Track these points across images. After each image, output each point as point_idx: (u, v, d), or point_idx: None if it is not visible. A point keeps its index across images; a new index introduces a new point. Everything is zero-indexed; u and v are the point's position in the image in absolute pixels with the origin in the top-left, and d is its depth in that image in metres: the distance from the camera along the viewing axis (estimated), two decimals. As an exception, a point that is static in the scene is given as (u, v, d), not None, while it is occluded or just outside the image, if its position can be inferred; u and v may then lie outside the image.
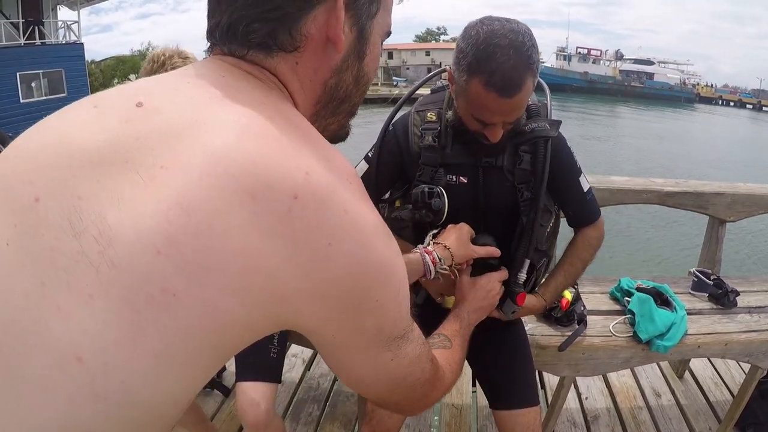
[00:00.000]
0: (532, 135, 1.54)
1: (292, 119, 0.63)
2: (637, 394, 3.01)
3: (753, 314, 2.34)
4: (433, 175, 1.62)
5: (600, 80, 70.46)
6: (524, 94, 1.35)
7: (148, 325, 0.51)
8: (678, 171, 17.77)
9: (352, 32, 0.69)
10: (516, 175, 1.61)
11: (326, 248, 0.55)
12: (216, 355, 0.58)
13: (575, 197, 1.71)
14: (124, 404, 0.53)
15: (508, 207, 1.64)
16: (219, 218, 0.51)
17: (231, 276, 0.52)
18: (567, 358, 2.10)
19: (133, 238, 0.50)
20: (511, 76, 1.31)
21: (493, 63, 1.30)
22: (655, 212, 9.78)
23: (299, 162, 0.56)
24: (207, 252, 0.51)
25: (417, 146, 1.64)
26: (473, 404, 2.92)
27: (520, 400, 1.76)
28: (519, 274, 1.62)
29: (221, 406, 2.87)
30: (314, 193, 0.55)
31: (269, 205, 0.53)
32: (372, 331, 0.66)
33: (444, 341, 1.12)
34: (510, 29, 1.32)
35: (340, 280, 0.58)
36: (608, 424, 2.78)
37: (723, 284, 2.45)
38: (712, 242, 2.95)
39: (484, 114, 1.42)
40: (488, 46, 1.31)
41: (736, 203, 2.84)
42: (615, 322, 2.20)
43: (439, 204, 1.53)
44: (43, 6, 19.59)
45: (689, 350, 2.16)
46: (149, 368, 0.52)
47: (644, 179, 2.99)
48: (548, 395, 2.91)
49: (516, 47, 1.30)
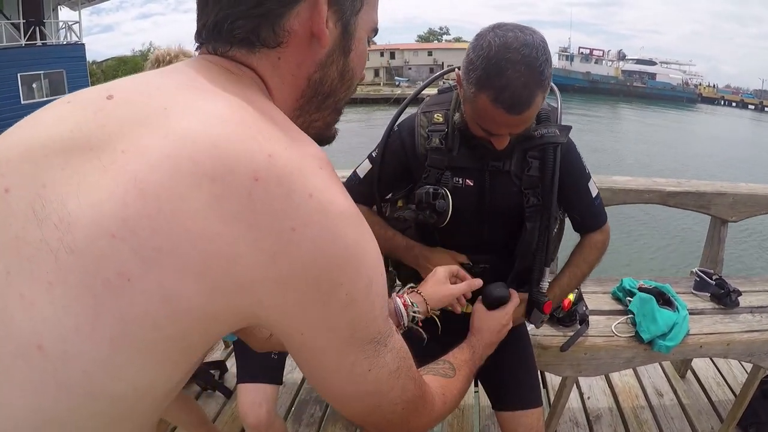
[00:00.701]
0: (542, 141, 1.52)
1: (265, 109, 0.62)
2: (639, 394, 3.00)
3: (755, 314, 2.33)
4: (440, 177, 1.61)
5: (602, 80, 70.42)
6: (533, 110, 1.33)
7: (105, 310, 0.50)
8: (680, 170, 17.76)
9: (337, 28, 0.70)
10: (523, 181, 1.59)
11: (290, 233, 0.54)
12: (182, 348, 0.57)
13: (584, 203, 1.71)
14: (87, 395, 0.53)
15: (512, 212, 1.62)
16: (176, 201, 0.51)
17: (189, 260, 0.51)
18: (569, 359, 2.10)
19: (89, 223, 0.50)
20: (521, 95, 1.28)
21: (504, 79, 1.27)
22: (657, 212, 9.76)
23: (263, 145, 0.55)
24: (163, 235, 0.50)
25: (423, 148, 1.62)
26: (476, 404, 2.91)
27: (522, 401, 1.76)
28: (542, 283, 1.63)
29: (223, 408, 2.87)
30: (277, 176, 0.54)
31: (228, 187, 0.52)
32: (343, 329, 0.62)
33: (447, 369, 1.04)
34: (524, 42, 1.27)
35: (306, 269, 0.55)
36: (611, 423, 2.78)
37: (725, 284, 2.44)
38: (714, 242, 2.95)
39: (490, 126, 1.40)
40: (500, 60, 1.27)
41: (738, 203, 2.83)
42: (617, 322, 2.19)
43: (444, 206, 1.52)
44: (43, 6, 19.60)
45: (691, 350, 2.16)
46: (108, 357, 0.52)
47: (646, 179, 2.98)
48: (550, 395, 2.91)
49: (528, 63, 1.26)
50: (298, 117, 0.74)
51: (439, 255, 1.69)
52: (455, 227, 1.58)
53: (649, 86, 69.50)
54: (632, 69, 72.83)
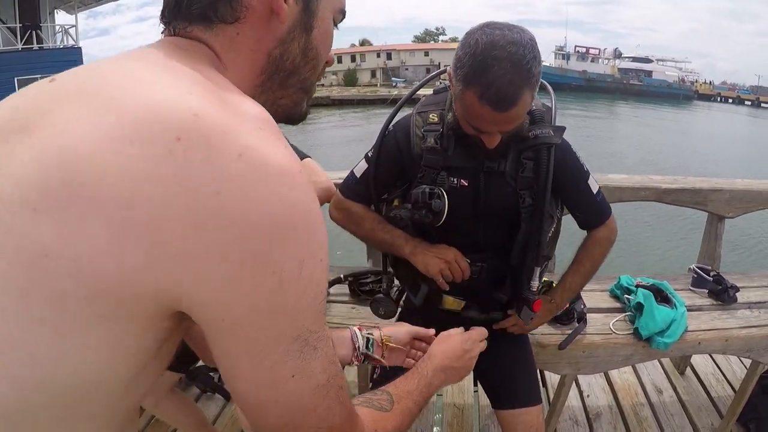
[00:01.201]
0: (536, 142, 1.52)
1: (210, 77, 0.61)
2: (638, 391, 3.01)
3: (753, 310, 2.34)
4: (435, 177, 1.61)
5: (599, 78, 70.40)
6: (520, 108, 1.32)
7: (32, 289, 0.49)
8: (675, 165, 17.78)
9: (297, 4, 0.69)
10: (518, 182, 1.59)
11: (214, 198, 0.50)
12: (125, 331, 0.54)
13: (585, 201, 1.71)
14: (36, 384, 0.52)
15: (508, 212, 1.62)
16: (98, 168, 0.48)
17: (110, 230, 0.49)
18: (567, 357, 2.10)
19: (13, 197, 0.49)
20: (506, 91, 1.27)
21: (489, 76, 1.27)
22: (654, 209, 9.78)
23: (191, 104, 0.52)
24: (84, 205, 0.48)
25: (419, 148, 1.62)
26: (475, 404, 2.91)
27: (521, 399, 1.77)
28: (532, 282, 1.64)
29: (223, 410, 2.87)
30: (202, 135, 0.50)
31: (148, 148, 0.49)
32: (265, 315, 0.56)
33: (384, 401, 0.89)
34: (511, 40, 1.27)
35: (227, 240, 0.51)
36: (610, 421, 2.78)
37: (723, 280, 2.45)
38: (711, 238, 2.95)
39: (479, 123, 1.40)
40: (486, 57, 1.27)
41: (735, 199, 2.84)
42: (615, 320, 2.20)
43: (440, 205, 1.53)
44: (40, 10, 19.57)
45: (690, 347, 2.16)
46: (45, 340, 0.51)
47: (642, 176, 2.98)
48: (550, 393, 2.91)
49: (515, 61, 1.26)
50: (260, 94, 0.72)
51: (438, 246, 1.69)
52: (451, 227, 1.59)
53: (645, 84, 69.45)
54: (629, 67, 72.74)
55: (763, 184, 2.94)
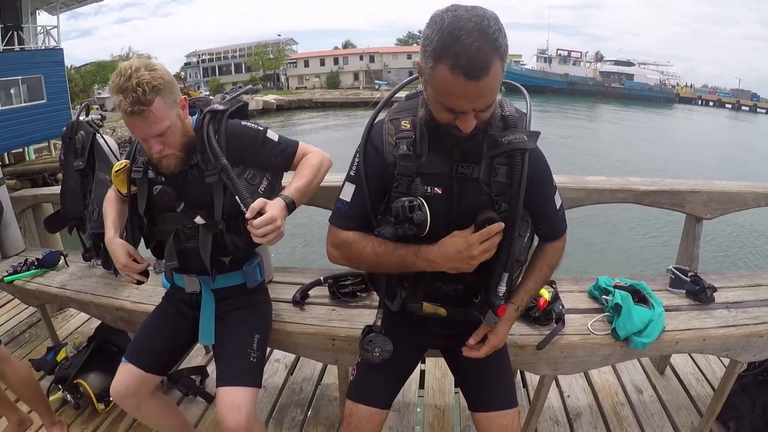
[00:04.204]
0: (509, 147, 1.49)
1: None
2: (618, 391, 3.04)
3: (730, 309, 2.36)
4: (410, 184, 1.58)
5: (580, 82, 70.82)
6: (492, 78, 1.30)
7: None
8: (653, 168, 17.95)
9: None
10: (492, 188, 1.57)
11: None
12: None
13: (548, 213, 1.73)
14: None
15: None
16: None
17: None
18: (546, 357, 2.12)
19: None
20: (477, 58, 1.26)
21: (459, 46, 1.26)
22: (633, 211, 9.87)
23: None
24: None
25: (392, 156, 1.60)
26: (456, 405, 2.93)
27: (497, 402, 1.77)
28: (499, 287, 1.60)
29: (204, 414, 2.86)
30: None
31: None
32: None
33: None
34: (475, 14, 1.28)
35: None
36: (591, 421, 2.80)
37: (700, 280, 2.47)
38: (689, 239, 2.99)
39: (453, 101, 1.37)
40: (453, 29, 1.27)
41: (712, 201, 2.87)
42: (593, 320, 2.21)
43: (421, 217, 1.50)
44: (22, 11, 19.33)
45: (667, 346, 2.18)
46: None
47: (620, 179, 3.02)
48: (530, 394, 2.93)
49: (481, 29, 1.26)
50: None
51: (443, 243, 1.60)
52: (428, 236, 1.55)
53: (626, 87, 69.88)
54: (610, 70, 73.20)
55: (741, 185, 2.98)
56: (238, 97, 2.08)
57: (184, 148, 1.89)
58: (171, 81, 1.78)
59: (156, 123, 1.75)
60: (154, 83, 1.69)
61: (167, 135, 1.80)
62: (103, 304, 2.65)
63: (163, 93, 1.73)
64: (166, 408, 2.25)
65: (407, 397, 2.94)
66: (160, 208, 1.97)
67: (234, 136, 1.92)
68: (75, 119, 2.84)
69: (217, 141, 1.88)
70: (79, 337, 3.47)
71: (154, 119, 1.74)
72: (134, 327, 2.50)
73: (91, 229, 2.83)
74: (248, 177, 1.92)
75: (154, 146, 1.81)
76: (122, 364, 2.04)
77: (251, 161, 1.94)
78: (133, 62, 1.73)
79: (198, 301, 2.10)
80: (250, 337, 2.03)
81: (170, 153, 1.85)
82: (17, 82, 18.62)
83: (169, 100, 1.77)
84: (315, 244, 9.15)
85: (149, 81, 1.68)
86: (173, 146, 1.85)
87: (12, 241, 3.49)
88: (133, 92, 1.67)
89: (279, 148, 1.98)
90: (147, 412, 2.12)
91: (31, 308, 3.92)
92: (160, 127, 1.76)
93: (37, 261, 3.15)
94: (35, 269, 3.11)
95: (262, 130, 1.97)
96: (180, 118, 1.85)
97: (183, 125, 1.87)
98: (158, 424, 2.25)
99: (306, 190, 1.94)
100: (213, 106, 1.94)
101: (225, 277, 2.08)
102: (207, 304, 2.09)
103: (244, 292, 2.14)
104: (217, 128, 1.91)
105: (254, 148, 1.94)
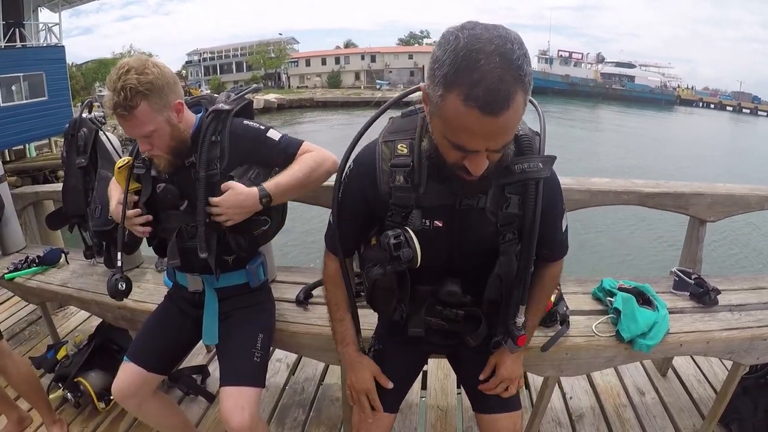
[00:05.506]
0: (523, 177, 1.35)
1: None
2: (621, 393, 3.03)
3: (734, 312, 2.35)
4: (406, 216, 1.45)
5: (581, 83, 70.77)
6: (513, 114, 1.09)
7: None
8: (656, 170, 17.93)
9: None
10: (500, 218, 1.44)
11: None
12: None
13: (554, 237, 1.63)
14: None
15: (485, 250, 1.51)
16: None
17: None
18: (550, 359, 2.11)
19: None
20: (497, 89, 1.04)
21: (476, 73, 1.04)
22: (637, 213, 9.88)
23: None
24: None
25: (387, 186, 1.46)
26: (458, 406, 2.92)
27: (501, 404, 1.76)
28: (517, 318, 1.57)
29: (206, 413, 2.86)
30: None
31: None
32: None
33: None
34: (497, 35, 1.07)
35: None
36: (593, 423, 2.80)
37: (704, 283, 2.46)
38: (693, 242, 2.97)
39: (463, 138, 1.16)
40: (469, 52, 1.05)
41: (716, 203, 2.86)
42: (598, 322, 2.20)
43: (409, 254, 1.41)
44: (24, 8, 19.33)
45: (671, 348, 2.18)
46: None
47: (625, 180, 3.00)
48: (533, 395, 2.92)
49: (503, 54, 1.05)
50: None
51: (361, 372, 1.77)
52: (423, 271, 1.50)
53: (627, 88, 69.82)
54: (611, 72, 73.12)
55: (745, 188, 2.97)
56: (243, 96, 2.07)
57: (173, 151, 1.86)
58: (163, 85, 1.75)
59: (139, 126, 1.74)
60: (140, 88, 1.68)
61: (153, 138, 1.79)
62: (105, 303, 2.64)
63: (150, 98, 1.71)
64: (167, 407, 2.24)
65: (409, 398, 2.92)
66: (164, 205, 1.95)
67: (237, 135, 1.91)
68: (78, 116, 2.83)
69: (221, 141, 1.88)
70: (80, 335, 3.47)
71: (137, 123, 1.73)
72: (136, 326, 2.50)
73: (93, 227, 2.82)
74: (252, 176, 1.90)
75: (141, 145, 1.83)
76: (124, 363, 2.04)
77: (254, 160, 1.93)
78: (130, 61, 1.72)
79: (201, 300, 2.09)
80: (254, 337, 2.03)
81: (158, 154, 1.85)
82: (18, 79, 18.63)
83: (156, 105, 1.74)
84: (318, 243, 9.20)
85: (135, 86, 1.66)
86: (160, 149, 1.83)
87: (13, 238, 3.47)
88: (118, 95, 1.67)
89: (280, 147, 1.96)
90: (148, 411, 2.11)
91: (32, 306, 3.92)
92: (143, 130, 1.75)
93: (38, 258, 3.14)
94: (36, 267, 3.10)
95: (264, 129, 1.96)
96: (170, 122, 1.81)
97: (173, 129, 1.83)
98: (160, 423, 2.25)
99: (289, 186, 1.90)
100: (218, 106, 1.93)
101: (228, 276, 2.08)
102: (210, 304, 2.08)
103: (247, 291, 2.13)
104: (220, 128, 1.90)
105: (256, 147, 1.93)
